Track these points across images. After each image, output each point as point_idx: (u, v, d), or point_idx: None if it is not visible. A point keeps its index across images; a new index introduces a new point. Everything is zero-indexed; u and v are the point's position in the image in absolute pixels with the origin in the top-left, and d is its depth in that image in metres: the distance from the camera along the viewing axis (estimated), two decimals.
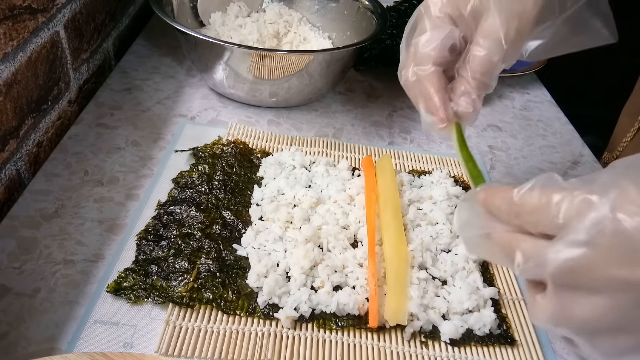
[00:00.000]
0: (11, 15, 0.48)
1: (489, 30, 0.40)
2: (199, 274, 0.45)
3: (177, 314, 0.42)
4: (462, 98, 0.41)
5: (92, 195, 0.52)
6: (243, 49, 0.62)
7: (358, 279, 0.46)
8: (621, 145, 0.72)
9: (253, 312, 0.43)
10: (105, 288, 0.43)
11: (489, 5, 0.40)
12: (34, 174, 0.54)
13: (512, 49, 0.40)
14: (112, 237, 0.48)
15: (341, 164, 0.59)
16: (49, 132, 0.59)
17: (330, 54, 0.65)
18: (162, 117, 0.65)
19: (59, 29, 0.59)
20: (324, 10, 0.80)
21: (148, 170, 0.56)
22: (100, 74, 0.73)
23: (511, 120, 0.75)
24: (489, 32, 0.40)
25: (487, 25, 0.40)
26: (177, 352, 0.40)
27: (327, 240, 0.49)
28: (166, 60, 0.76)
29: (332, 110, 0.72)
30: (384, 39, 0.85)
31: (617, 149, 0.73)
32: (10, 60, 0.49)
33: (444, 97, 0.41)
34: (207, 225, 0.49)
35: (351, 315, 0.44)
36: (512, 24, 0.40)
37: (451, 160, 0.64)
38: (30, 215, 0.49)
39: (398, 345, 0.43)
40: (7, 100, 0.50)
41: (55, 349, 0.39)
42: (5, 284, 0.43)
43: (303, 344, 0.42)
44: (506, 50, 0.40)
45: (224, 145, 0.59)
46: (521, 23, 0.40)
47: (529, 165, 0.67)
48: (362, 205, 0.53)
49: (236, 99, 0.69)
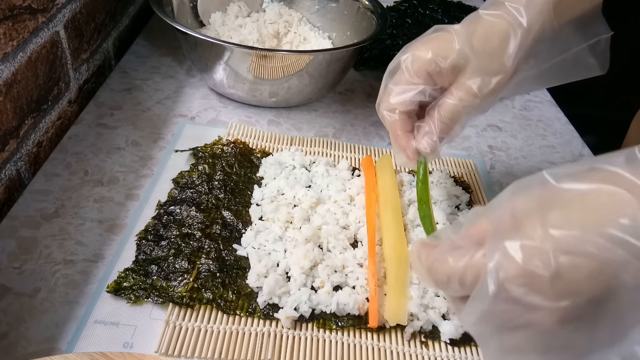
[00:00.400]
0: (11, 15, 0.48)
1: (465, 84, 0.43)
2: (199, 274, 0.45)
3: (177, 314, 0.42)
4: (425, 138, 0.45)
5: (92, 195, 0.52)
6: (243, 49, 0.62)
7: (358, 279, 0.46)
8: None
9: (253, 312, 0.43)
10: (105, 288, 0.43)
11: (467, 62, 0.43)
12: (34, 174, 0.54)
13: (484, 103, 0.44)
14: (112, 237, 0.48)
15: (341, 164, 0.59)
16: (49, 132, 0.59)
17: (330, 54, 0.65)
18: (162, 117, 0.65)
19: (59, 29, 0.59)
20: (324, 10, 0.80)
21: (148, 170, 0.56)
22: (100, 74, 0.73)
23: (511, 120, 0.75)
24: (465, 86, 0.43)
25: (464, 80, 0.43)
26: (177, 352, 0.40)
27: (327, 240, 0.49)
28: (166, 60, 0.76)
29: (332, 110, 0.72)
30: (384, 39, 0.85)
31: None
32: (10, 60, 0.49)
33: (409, 137, 0.46)
34: (207, 225, 0.49)
35: (351, 315, 0.44)
36: (487, 81, 0.43)
37: (451, 161, 0.64)
38: (30, 215, 0.49)
39: (398, 345, 0.43)
40: (7, 100, 0.50)
41: (55, 349, 0.39)
42: (5, 284, 0.43)
43: (303, 344, 0.42)
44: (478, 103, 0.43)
45: (224, 145, 0.59)
46: (496, 81, 0.43)
47: (529, 165, 0.67)
48: (362, 205, 0.53)
49: (236, 99, 0.69)
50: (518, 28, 0.42)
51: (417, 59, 0.44)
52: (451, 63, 0.43)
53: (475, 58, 0.43)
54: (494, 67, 0.43)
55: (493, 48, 0.43)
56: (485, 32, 0.43)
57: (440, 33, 0.45)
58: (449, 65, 0.43)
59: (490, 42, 0.43)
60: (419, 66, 0.44)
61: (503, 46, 0.42)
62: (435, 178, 0.58)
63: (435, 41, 0.45)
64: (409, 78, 0.45)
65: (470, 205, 0.56)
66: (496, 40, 0.43)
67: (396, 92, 0.45)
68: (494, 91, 0.43)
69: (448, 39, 0.44)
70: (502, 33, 0.42)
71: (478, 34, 0.43)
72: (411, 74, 0.45)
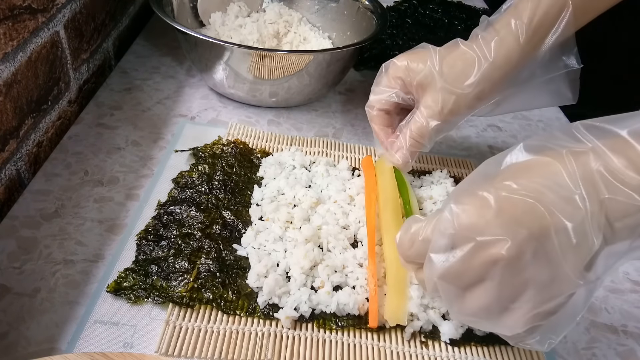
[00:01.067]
0: (11, 15, 0.48)
1: (429, 103, 0.49)
2: (199, 274, 0.45)
3: (177, 314, 0.42)
4: (397, 152, 0.52)
5: (92, 195, 0.52)
6: (243, 49, 0.62)
7: (358, 279, 0.46)
8: None
9: (253, 312, 0.43)
10: (105, 288, 0.43)
11: (432, 81, 0.48)
12: (34, 174, 0.54)
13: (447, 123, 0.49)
14: (112, 237, 0.48)
15: (341, 164, 0.59)
16: (49, 132, 0.59)
17: (330, 54, 0.65)
18: (162, 117, 0.65)
19: (59, 29, 0.59)
20: (324, 10, 0.80)
21: (148, 170, 0.56)
22: (100, 74, 0.73)
23: (511, 120, 0.75)
24: (429, 105, 0.49)
25: (428, 98, 0.49)
26: (177, 352, 0.40)
27: (327, 240, 0.49)
28: (166, 60, 0.76)
29: (332, 110, 0.72)
30: (384, 39, 0.85)
31: None
32: (10, 60, 0.49)
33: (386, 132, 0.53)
34: (207, 225, 0.49)
35: (351, 315, 0.44)
36: (448, 101, 0.48)
37: (451, 161, 0.64)
38: (30, 215, 0.49)
39: (398, 345, 0.43)
40: (7, 100, 0.50)
41: (55, 349, 0.39)
42: (5, 284, 0.43)
43: (303, 344, 0.42)
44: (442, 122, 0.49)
45: (224, 145, 0.59)
46: (458, 101, 0.48)
47: None
48: (362, 205, 0.53)
49: (236, 99, 0.69)
50: (483, 60, 0.47)
51: (394, 66, 0.51)
52: (419, 79, 0.49)
53: (440, 79, 0.48)
54: (454, 90, 0.48)
55: (456, 73, 0.48)
56: (454, 58, 0.48)
57: (421, 49, 0.51)
58: (418, 81, 0.49)
59: (455, 67, 0.48)
60: (394, 72, 0.51)
61: (466, 72, 0.47)
62: (435, 178, 0.58)
63: (415, 55, 0.50)
64: (386, 81, 0.52)
65: None
66: (460, 66, 0.48)
67: (374, 92, 0.53)
68: (453, 112, 0.48)
69: (425, 56, 0.49)
70: (468, 61, 0.47)
71: (448, 59, 0.48)
72: (388, 78, 0.51)
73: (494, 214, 0.31)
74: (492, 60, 0.47)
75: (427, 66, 0.48)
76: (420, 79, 0.49)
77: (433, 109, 0.48)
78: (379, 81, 0.52)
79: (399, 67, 0.50)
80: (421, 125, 0.49)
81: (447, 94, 0.48)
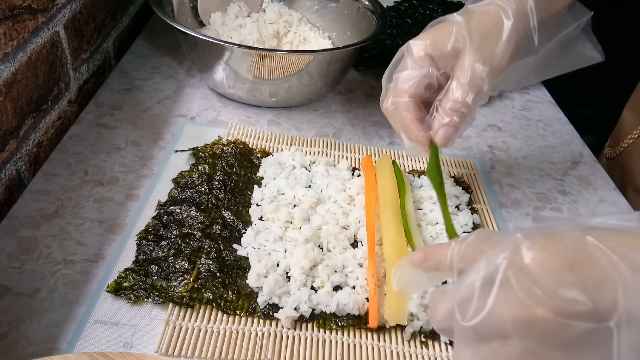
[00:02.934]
0: (11, 15, 0.48)
1: (467, 65, 0.45)
2: (199, 274, 0.45)
3: (177, 314, 0.42)
4: (441, 130, 0.46)
5: (92, 195, 0.52)
6: (243, 49, 0.62)
7: (358, 279, 0.46)
8: (625, 141, 0.72)
9: (253, 312, 0.43)
10: (105, 288, 0.43)
11: (466, 43, 0.45)
12: (34, 174, 0.54)
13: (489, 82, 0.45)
14: (112, 237, 0.48)
15: (341, 164, 0.59)
16: (49, 132, 0.59)
17: (330, 54, 0.65)
18: (162, 117, 0.65)
19: (59, 29, 0.59)
20: (324, 10, 0.80)
21: (148, 170, 0.56)
22: (100, 74, 0.73)
23: (511, 120, 0.75)
24: (467, 67, 0.44)
25: (465, 61, 0.45)
26: (177, 352, 0.40)
27: (327, 240, 0.49)
28: (166, 60, 0.76)
29: (332, 110, 0.72)
30: (384, 39, 0.85)
31: (621, 144, 0.73)
32: (10, 60, 0.49)
33: (421, 125, 0.47)
34: (207, 225, 0.49)
35: (351, 315, 0.44)
36: (487, 61, 0.45)
37: (451, 161, 0.64)
38: (30, 215, 0.49)
39: (398, 345, 0.43)
40: (7, 100, 0.50)
41: (55, 349, 0.39)
42: (5, 284, 0.43)
43: (303, 344, 0.42)
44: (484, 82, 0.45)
45: (224, 145, 0.59)
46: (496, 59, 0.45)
47: (529, 165, 0.67)
48: (362, 205, 0.53)
49: (236, 99, 0.69)
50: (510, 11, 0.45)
51: (417, 46, 0.46)
52: (451, 45, 0.45)
53: (473, 39, 0.44)
54: (491, 46, 0.45)
55: (488, 29, 0.45)
56: (479, 17, 0.45)
57: (438, 24, 0.47)
58: (450, 48, 0.45)
59: (486, 24, 0.45)
60: (421, 50, 0.46)
61: (497, 27, 0.45)
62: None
63: (434, 29, 0.47)
64: (413, 63, 0.46)
65: (470, 205, 0.56)
66: (491, 22, 0.45)
67: (403, 78, 0.46)
68: (494, 72, 0.45)
69: (446, 27, 0.46)
70: (496, 16, 0.45)
71: (474, 20, 0.45)
72: (415, 59, 0.46)
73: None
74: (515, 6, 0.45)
75: (454, 34, 0.45)
76: (452, 47, 0.45)
77: (474, 70, 0.44)
78: (403, 65, 0.47)
79: (425, 44, 0.46)
80: (463, 91, 0.45)
81: (484, 53, 0.45)
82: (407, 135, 0.48)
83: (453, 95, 0.45)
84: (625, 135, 0.73)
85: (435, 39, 0.46)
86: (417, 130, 0.47)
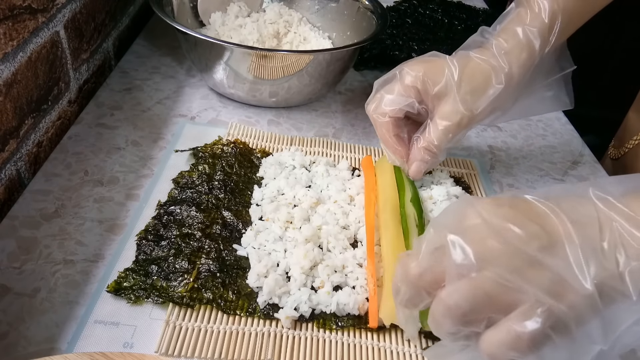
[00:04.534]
0: (11, 15, 0.48)
1: (447, 113, 0.49)
2: (199, 274, 0.45)
3: (177, 314, 0.42)
4: (414, 164, 0.52)
5: (92, 195, 0.52)
6: (243, 49, 0.62)
7: (358, 279, 0.46)
8: (631, 142, 0.72)
9: (253, 312, 0.43)
10: (105, 288, 0.43)
11: (452, 92, 0.49)
12: (34, 174, 0.54)
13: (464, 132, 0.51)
14: (112, 237, 0.48)
15: (341, 164, 0.59)
16: (49, 132, 0.59)
17: (330, 54, 0.65)
18: (162, 117, 0.65)
19: (59, 29, 0.59)
20: (324, 10, 0.80)
21: (148, 170, 0.56)
22: (100, 74, 0.73)
23: (511, 120, 0.75)
24: (446, 117, 0.49)
25: (447, 109, 0.49)
26: (177, 352, 0.40)
27: (327, 240, 0.49)
28: (166, 60, 0.76)
29: (332, 110, 0.72)
30: (384, 39, 0.85)
31: (626, 145, 0.73)
32: (10, 60, 0.49)
33: (398, 140, 0.52)
34: (207, 225, 0.49)
35: (351, 315, 0.44)
36: (467, 114, 0.49)
37: (451, 161, 0.64)
38: (30, 215, 0.49)
39: (398, 345, 0.43)
40: (7, 100, 0.50)
41: (55, 349, 0.39)
42: (5, 284, 0.43)
43: (303, 344, 0.42)
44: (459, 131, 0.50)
45: (224, 145, 0.59)
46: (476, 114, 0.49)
47: (529, 165, 0.67)
48: (362, 205, 0.53)
49: (236, 99, 0.69)
50: (500, 70, 0.49)
51: (410, 74, 0.50)
52: (439, 89, 0.49)
53: (460, 90, 0.49)
54: (473, 101, 0.49)
55: (476, 86, 0.49)
56: (472, 70, 0.49)
57: (435, 58, 0.51)
58: (437, 91, 0.49)
59: (475, 80, 0.49)
60: (411, 81, 0.50)
61: (484, 85, 0.49)
62: (435, 178, 0.58)
63: (429, 63, 0.50)
64: (401, 89, 0.50)
65: None
66: (481, 79, 0.49)
67: (388, 100, 0.51)
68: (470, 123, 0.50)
69: (440, 65, 0.50)
70: (485, 73, 0.49)
71: (467, 71, 0.49)
72: (403, 87, 0.50)
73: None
74: (508, 70, 0.48)
75: (444, 78, 0.49)
76: (439, 90, 0.49)
77: (451, 120, 0.49)
78: (391, 88, 0.51)
79: (416, 77, 0.49)
80: (438, 136, 0.50)
81: (466, 106, 0.49)
82: (386, 148, 0.53)
83: (429, 136, 0.50)
84: (630, 136, 0.73)
85: (426, 74, 0.49)
86: (395, 145, 0.52)
